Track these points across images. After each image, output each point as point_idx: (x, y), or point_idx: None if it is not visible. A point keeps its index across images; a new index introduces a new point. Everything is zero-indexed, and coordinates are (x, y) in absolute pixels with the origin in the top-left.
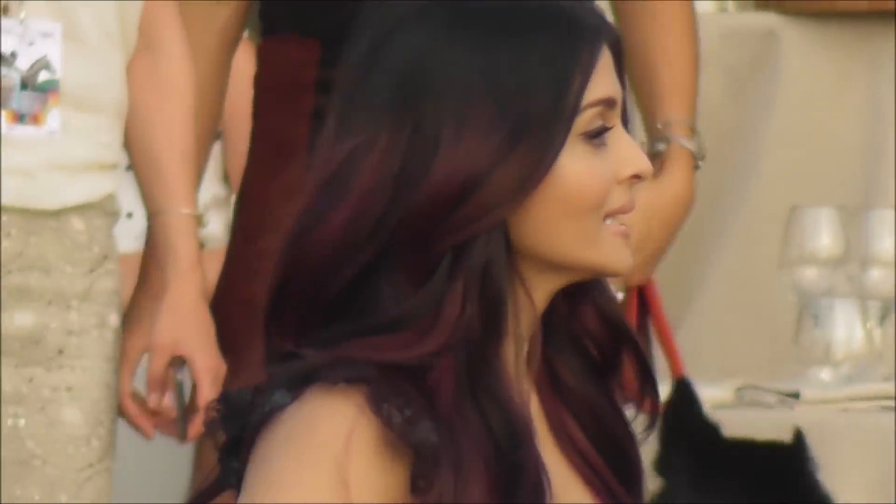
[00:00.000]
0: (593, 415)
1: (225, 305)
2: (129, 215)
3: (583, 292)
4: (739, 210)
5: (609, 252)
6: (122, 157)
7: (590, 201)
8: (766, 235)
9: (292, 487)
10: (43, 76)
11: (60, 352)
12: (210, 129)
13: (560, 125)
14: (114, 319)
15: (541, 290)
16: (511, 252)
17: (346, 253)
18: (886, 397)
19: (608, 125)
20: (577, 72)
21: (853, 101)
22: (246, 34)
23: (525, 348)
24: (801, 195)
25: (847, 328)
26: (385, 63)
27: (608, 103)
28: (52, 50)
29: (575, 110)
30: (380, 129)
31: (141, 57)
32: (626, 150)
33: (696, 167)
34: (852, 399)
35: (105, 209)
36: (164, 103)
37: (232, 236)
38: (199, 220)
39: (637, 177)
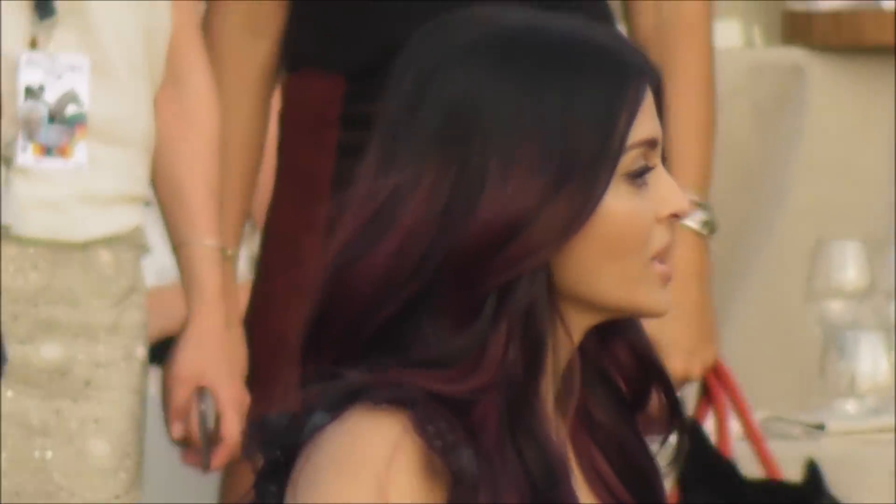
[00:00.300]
0: (620, 449)
1: (249, 339)
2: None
3: (615, 327)
4: (766, 243)
5: (649, 294)
6: (148, 192)
7: (633, 242)
8: (792, 268)
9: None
10: (71, 109)
11: (88, 384)
12: (256, 165)
13: (606, 166)
14: (140, 352)
15: (578, 327)
16: (553, 292)
17: (389, 289)
18: None
19: (650, 165)
20: (624, 112)
21: (879, 135)
22: None
23: (559, 384)
24: (827, 228)
25: (872, 360)
26: (431, 99)
27: (651, 144)
28: (80, 83)
29: (621, 151)
30: (426, 165)
31: (167, 90)
32: (666, 189)
33: (708, 235)
34: (878, 431)
35: (132, 242)
36: (189, 135)
37: (257, 271)
38: (224, 252)
39: (676, 216)
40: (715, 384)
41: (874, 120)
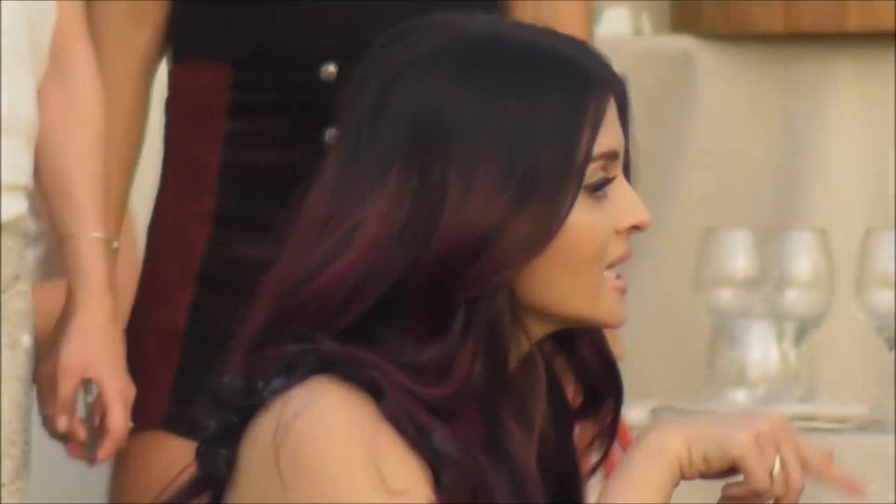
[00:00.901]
0: (550, 452)
1: (136, 330)
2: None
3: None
4: (656, 232)
5: (607, 306)
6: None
7: (591, 254)
8: (682, 257)
9: (340, 479)
10: None
11: None
12: (136, 156)
13: (570, 182)
14: (26, 340)
15: (536, 335)
16: (514, 304)
17: (348, 300)
18: (802, 418)
19: (610, 176)
20: (586, 126)
21: (769, 123)
22: None
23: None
24: (717, 217)
25: (762, 349)
26: (393, 109)
27: (611, 156)
28: None
29: (584, 166)
30: (387, 177)
31: (51, 80)
32: (627, 200)
33: None
34: None
35: (16, 230)
36: (75, 127)
37: (144, 262)
38: (109, 244)
39: (637, 227)
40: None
41: (764, 108)
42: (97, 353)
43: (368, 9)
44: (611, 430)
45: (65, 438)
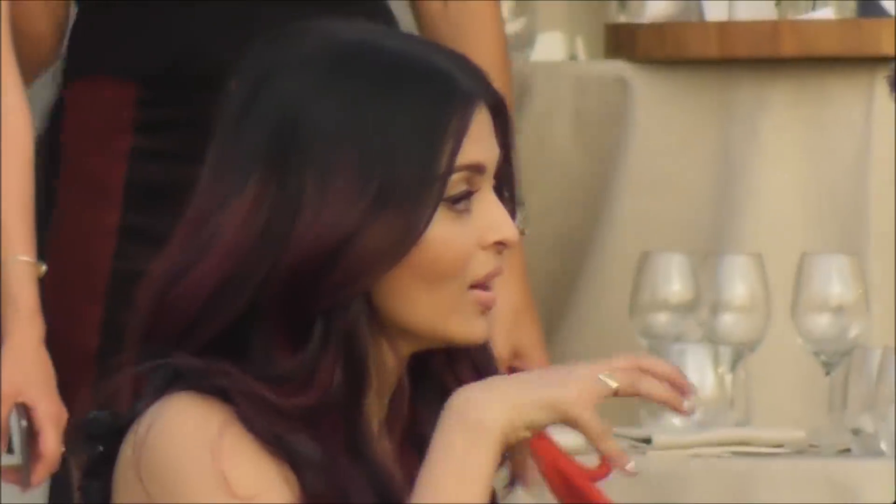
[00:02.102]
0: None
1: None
2: None
3: (460, 349)
4: (591, 257)
5: (463, 323)
6: None
7: (450, 269)
8: (617, 282)
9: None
10: None
11: None
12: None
13: (428, 193)
14: None
15: (403, 351)
16: (373, 317)
17: (211, 308)
18: (738, 443)
19: (473, 189)
20: (448, 138)
21: (704, 148)
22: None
23: (385, 405)
24: (652, 242)
25: (698, 374)
26: (258, 111)
27: (476, 168)
28: None
29: (444, 178)
30: (248, 180)
31: None
32: (493, 215)
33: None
34: (704, 444)
35: None
36: (3, 150)
37: (46, 280)
38: (38, 268)
39: (502, 244)
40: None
41: (699, 133)
42: (29, 377)
43: (273, 28)
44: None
45: None
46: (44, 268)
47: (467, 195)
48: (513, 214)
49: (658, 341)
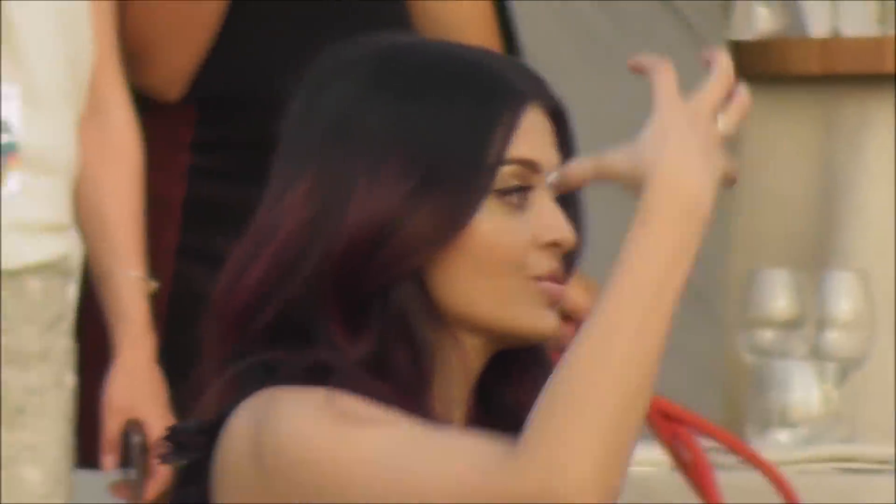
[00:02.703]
0: None
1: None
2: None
3: (525, 370)
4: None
5: (528, 314)
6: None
7: (504, 260)
8: (728, 297)
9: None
10: (3, 138)
11: (21, 411)
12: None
13: (476, 181)
14: (70, 379)
15: (474, 352)
16: (438, 311)
17: (268, 294)
18: (844, 459)
19: (526, 185)
20: (497, 130)
21: (808, 164)
22: None
23: (457, 413)
24: (758, 258)
25: (804, 390)
26: (314, 112)
27: (528, 165)
28: (11, 112)
29: (493, 168)
30: (304, 175)
31: (89, 119)
32: (548, 216)
33: None
34: (810, 461)
35: (60, 269)
36: (112, 165)
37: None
38: (148, 283)
39: (556, 244)
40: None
41: (803, 149)
42: (141, 393)
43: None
44: None
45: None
46: (154, 284)
47: (520, 190)
48: (577, 224)
49: (764, 357)
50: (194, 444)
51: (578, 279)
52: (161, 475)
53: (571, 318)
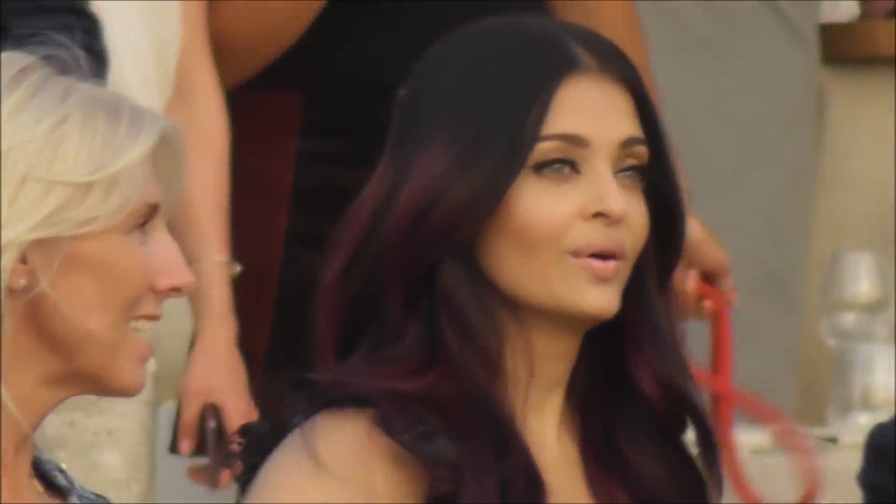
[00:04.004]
0: (645, 490)
1: None
2: None
3: (638, 353)
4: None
5: (568, 289)
6: None
7: (539, 235)
8: (809, 282)
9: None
10: None
11: (100, 396)
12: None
13: (510, 156)
14: (150, 364)
15: (538, 333)
16: (489, 291)
17: (344, 283)
18: None
19: (571, 159)
20: (531, 108)
21: (891, 147)
22: None
23: (553, 395)
24: (841, 241)
25: (885, 373)
26: (399, 106)
27: (572, 139)
28: None
29: (526, 146)
30: (382, 163)
31: (175, 105)
32: (596, 187)
33: None
34: None
35: None
36: (198, 151)
37: None
38: (231, 268)
39: (602, 214)
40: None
41: (889, 132)
42: (220, 377)
43: (437, 35)
44: (704, 455)
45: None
46: (238, 268)
47: (560, 163)
48: (671, 196)
49: (846, 341)
50: (265, 444)
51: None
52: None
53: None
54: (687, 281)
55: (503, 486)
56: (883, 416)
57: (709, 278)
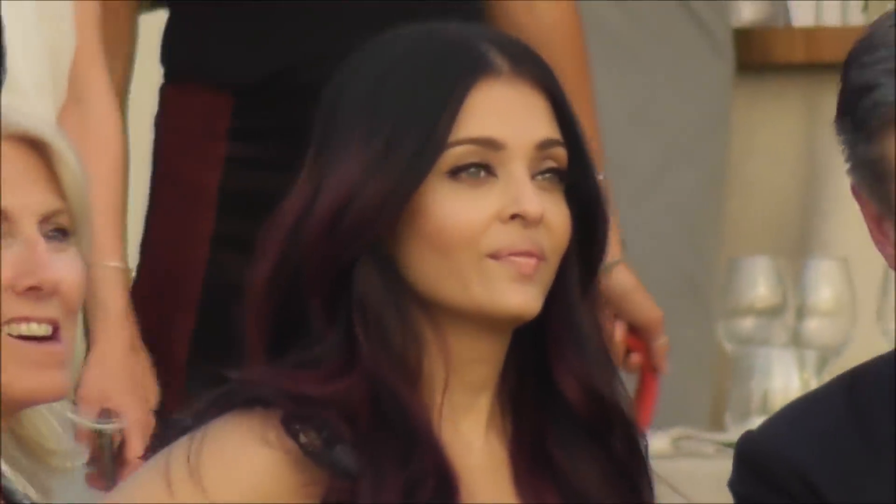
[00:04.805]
0: (575, 494)
1: None
2: None
3: (560, 358)
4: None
5: (490, 290)
6: None
7: (456, 238)
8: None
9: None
10: None
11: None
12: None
13: (419, 160)
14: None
15: (459, 336)
16: (408, 294)
17: (271, 287)
18: None
19: (486, 163)
20: (442, 110)
21: (791, 152)
22: None
23: (480, 398)
24: (739, 246)
25: (784, 378)
26: (319, 109)
27: (486, 143)
28: None
29: (438, 147)
30: (304, 166)
31: (70, 109)
32: (512, 189)
33: None
34: None
35: None
36: (92, 156)
37: (135, 279)
38: (128, 273)
39: (518, 216)
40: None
41: (786, 137)
42: (116, 382)
43: (370, 38)
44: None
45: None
46: (133, 273)
47: (477, 167)
48: (592, 199)
49: (743, 345)
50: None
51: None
52: (133, 466)
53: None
54: (616, 331)
55: (411, 488)
56: None
57: (638, 331)
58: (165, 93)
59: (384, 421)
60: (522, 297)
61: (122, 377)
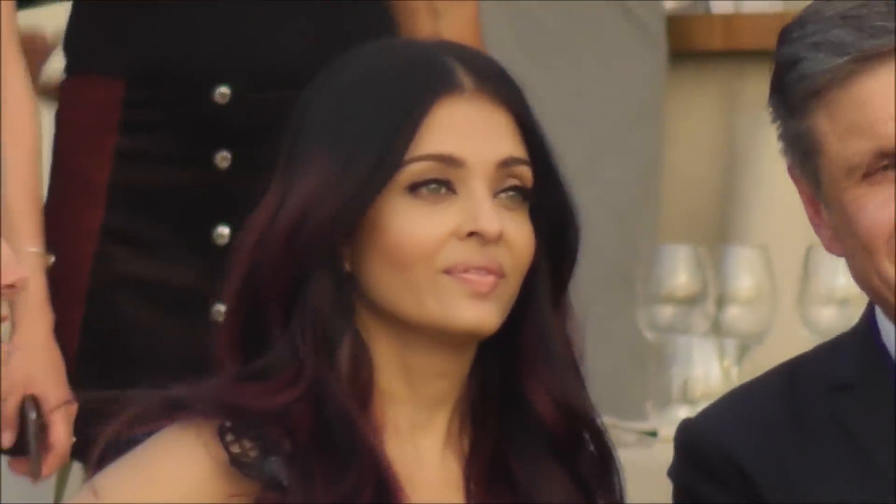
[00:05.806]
0: None
1: None
2: None
3: (531, 374)
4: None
5: (444, 306)
6: None
7: (412, 253)
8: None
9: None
10: None
11: None
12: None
13: (376, 173)
14: None
15: (416, 351)
16: (366, 309)
17: (241, 299)
18: None
19: (444, 179)
20: (402, 126)
21: (710, 140)
22: None
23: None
24: (659, 233)
25: (704, 366)
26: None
27: (445, 160)
28: None
29: (394, 162)
30: (274, 179)
31: None
32: (471, 207)
33: None
34: None
35: None
36: (7, 142)
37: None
38: (46, 259)
39: (476, 234)
40: None
41: (704, 125)
42: (39, 368)
43: (263, 34)
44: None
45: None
46: (52, 259)
47: (430, 183)
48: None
49: (663, 334)
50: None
51: None
52: (57, 452)
53: None
54: None
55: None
56: (702, 410)
57: None
58: (65, 85)
59: (327, 435)
60: (476, 313)
61: (44, 363)
